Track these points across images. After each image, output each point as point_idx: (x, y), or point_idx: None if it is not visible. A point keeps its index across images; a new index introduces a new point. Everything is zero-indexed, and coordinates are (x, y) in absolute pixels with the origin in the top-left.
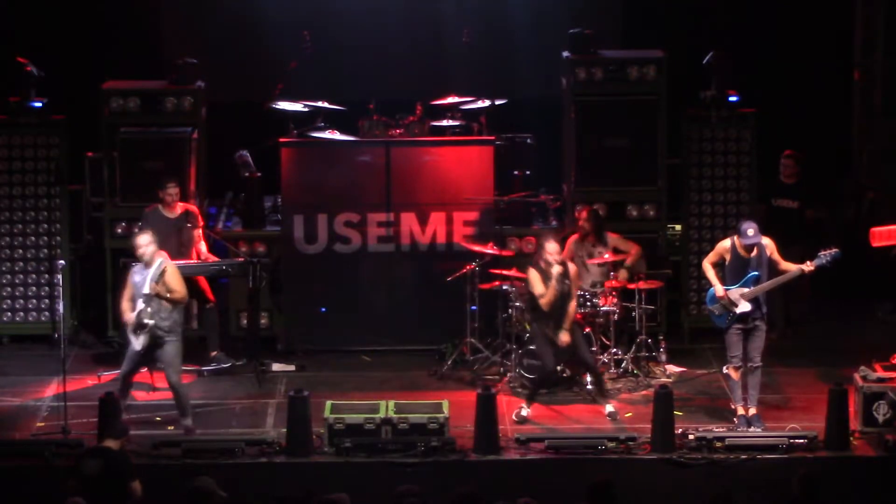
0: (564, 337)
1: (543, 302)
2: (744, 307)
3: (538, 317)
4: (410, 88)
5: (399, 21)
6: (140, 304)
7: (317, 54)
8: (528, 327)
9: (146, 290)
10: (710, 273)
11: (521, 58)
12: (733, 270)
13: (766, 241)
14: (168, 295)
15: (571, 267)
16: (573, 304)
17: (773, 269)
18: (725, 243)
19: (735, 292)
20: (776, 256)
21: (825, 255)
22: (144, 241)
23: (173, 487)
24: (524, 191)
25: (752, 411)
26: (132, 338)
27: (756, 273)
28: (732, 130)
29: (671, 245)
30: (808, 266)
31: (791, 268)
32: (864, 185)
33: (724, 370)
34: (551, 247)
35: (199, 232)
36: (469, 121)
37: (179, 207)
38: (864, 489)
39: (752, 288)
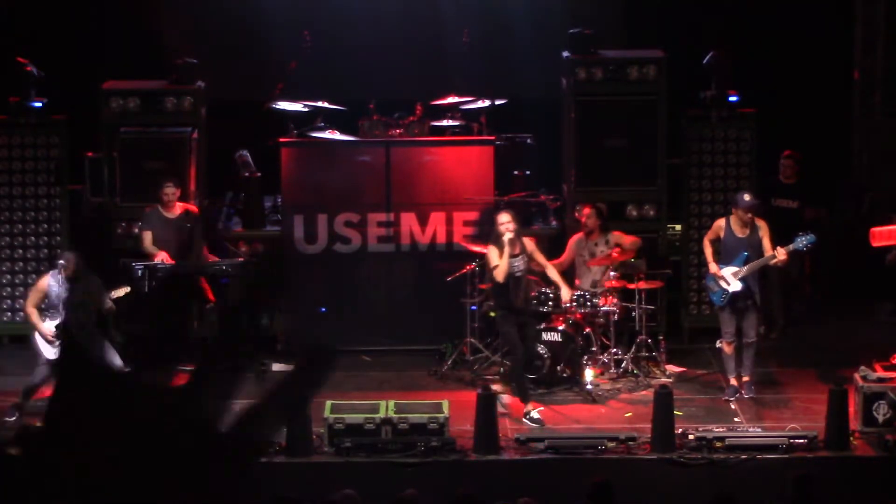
0: (565, 294)
1: (497, 272)
2: (735, 286)
3: (499, 297)
4: (410, 88)
5: (399, 21)
6: (65, 315)
7: (317, 54)
8: (492, 315)
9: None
10: (708, 251)
11: (521, 58)
12: (725, 250)
13: (761, 224)
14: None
15: (528, 242)
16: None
17: (760, 253)
18: (721, 222)
19: (727, 271)
20: (766, 242)
21: (801, 240)
22: (74, 259)
23: None
24: (524, 191)
25: (745, 379)
26: (46, 347)
27: (746, 254)
28: (732, 130)
29: (671, 245)
30: (780, 253)
31: (767, 253)
32: (864, 185)
33: (718, 344)
34: (503, 217)
35: (199, 231)
36: (469, 121)
37: (179, 207)
38: (864, 489)
39: (742, 267)
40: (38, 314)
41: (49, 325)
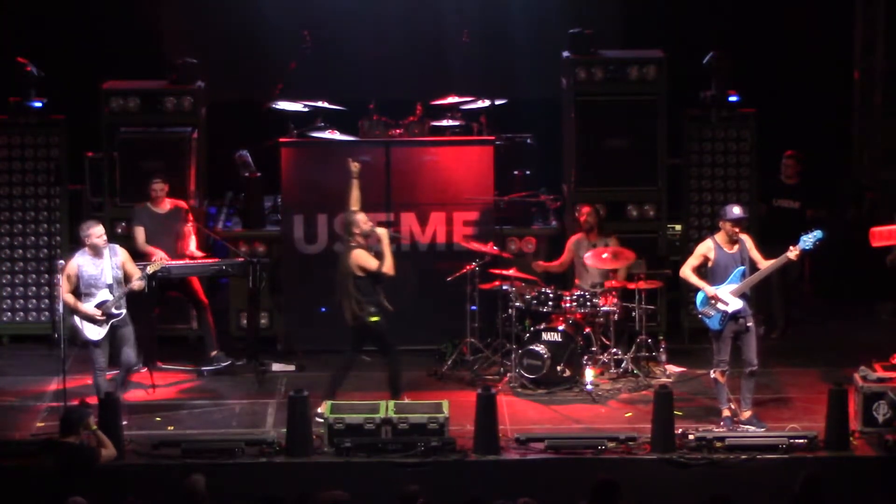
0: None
1: (387, 269)
2: (735, 304)
3: (376, 294)
4: (410, 88)
5: (399, 21)
6: (104, 295)
7: (317, 54)
8: (374, 320)
9: (110, 279)
10: (694, 278)
11: (521, 58)
12: (718, 269)
13: (744, 237)
14: (141, 285)
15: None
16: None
17: (753, 267)
18: (707, 244)
19: (724, 290)
20: (755, 254)
21: (807, 239)
22: (101, 231)
23: (173, 487)
24: (524, 191)
25: (748, 414)
26: (91, 329)
27: (742, 268)
28: (732, 130)
29: (671, 245)
30: (792, 251)
31: (771, 260)
32: (864, 185)
33: (711, 374)
34: (361, 217)
35: (188, 227)
36: (469, 121)
37: (169, 203)
38: (864, 489)
39: (740, 283)
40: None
41: (89, 306)
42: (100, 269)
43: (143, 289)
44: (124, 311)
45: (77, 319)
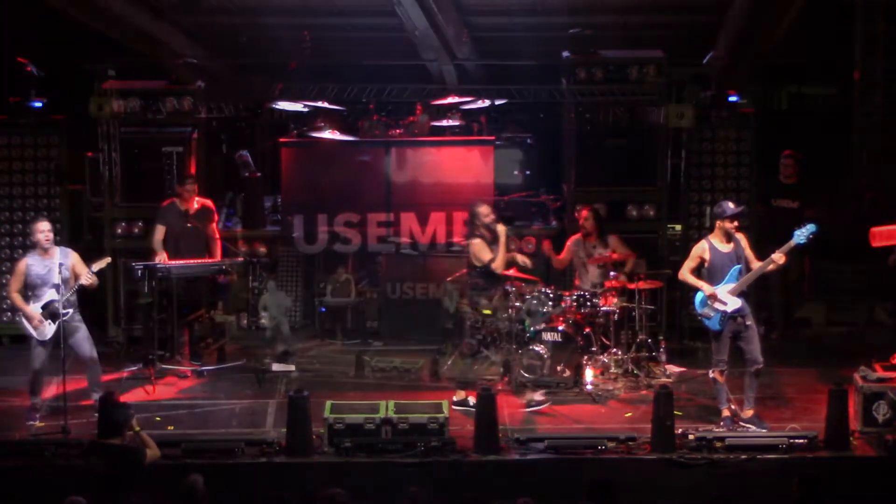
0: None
1: (497, 265)
2: (734, 304)
3: (491, 288)
4: (410, 88)
5: (399, 21)
6: (52, 295)
7: (317, 54)
8: (487, 312)
9: (57, 279)
10: (692, 279)
11: (521, 58)
12: (714, 269)
13: (740, 236)
14: (91, 281)
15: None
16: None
17: (747, 266)
18: (701, 245)
19: (722, 290)
20: (749, 253)
21: (801, 233)
22: (48, 227)
23: (173, 487)
24: (524, 191)
25: (750, 413)
26: (37, 329)
27: (739, 266)
28: (732, 130)
29: (671, 245)
30: (778, 258)
31: (753, 263)
32: (864, 185)
33: (710, 374)
34: (485, 209)
35: (214, 226)
36: (469, 121)
37: (196, 202)
38: (864, 489)
39: (737, 282)
40: (24, 297)
41: (35, 307)
42: (47, 268)
43: (94, 285)
44: (72, 310)
45: (24, 318)
